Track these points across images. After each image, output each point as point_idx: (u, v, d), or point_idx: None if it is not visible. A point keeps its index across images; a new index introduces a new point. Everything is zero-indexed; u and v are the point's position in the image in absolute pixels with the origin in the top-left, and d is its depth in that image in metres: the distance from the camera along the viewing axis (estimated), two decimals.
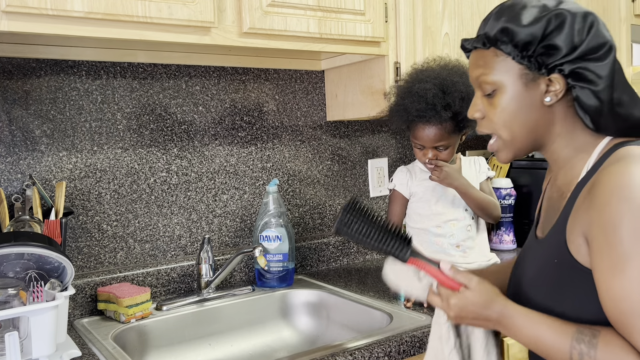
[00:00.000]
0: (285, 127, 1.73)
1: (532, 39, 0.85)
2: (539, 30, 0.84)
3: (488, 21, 0.90)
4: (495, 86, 0.89)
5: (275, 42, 1.33)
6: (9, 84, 1.33)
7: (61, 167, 1.39)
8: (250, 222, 1.67)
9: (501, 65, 0.88)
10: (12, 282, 1.09)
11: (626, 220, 0.75)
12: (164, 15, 1.16)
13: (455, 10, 1.63)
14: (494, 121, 0.91)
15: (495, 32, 0.87)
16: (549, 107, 0.88)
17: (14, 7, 1.02)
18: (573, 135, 0.90)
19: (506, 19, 0.87)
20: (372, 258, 1.90)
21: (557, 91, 0.86)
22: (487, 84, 0.90)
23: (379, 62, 1.56)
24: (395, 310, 1.32)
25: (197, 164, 1.58)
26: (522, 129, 0.90)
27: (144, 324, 1.33)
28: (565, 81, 0.86)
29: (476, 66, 0.92)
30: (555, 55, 0.84)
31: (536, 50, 0.85)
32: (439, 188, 1.42)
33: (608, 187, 0.77)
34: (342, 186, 1.86)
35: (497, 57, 0.89)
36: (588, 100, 0.85)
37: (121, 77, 1.46)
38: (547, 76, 0.86)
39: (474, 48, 0.93)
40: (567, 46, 0.84)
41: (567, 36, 0.84)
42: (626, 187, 0.75)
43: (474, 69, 0.92)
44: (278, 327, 1.52)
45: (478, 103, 0.93)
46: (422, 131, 1.35)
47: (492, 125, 0.92)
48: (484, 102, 0.92)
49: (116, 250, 1.46)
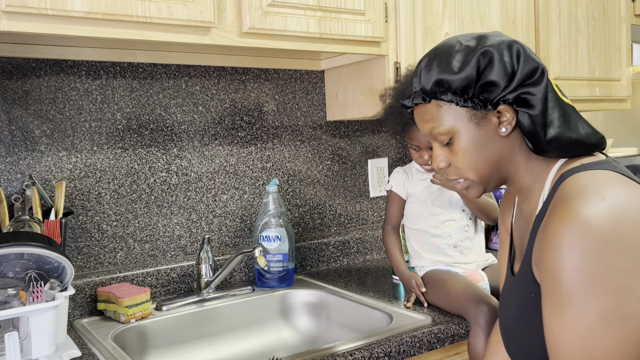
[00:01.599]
0: (285, 127, 1.73)
1: (468, 82, 0.85)
2: (472, 73, 0.85)
3: (420, 76, 0.91)
4: (450, 134, 0.90)
5: (275, 42, 1.33)
6: (9, 84, 1.33)
7: (61, 167, 1.39)
8: (250, 222, 1.67)
9: (447, 113, 0.89)
10: (12, 282, 1.09)
11: (566, 268, 0.74)
12: (163, 15, 1.16)
13: (455, 10, 1.63)
14: (459, 167, 0.92)
15: (431, 86, 0.88)
16: (507, 137, 0.89)
17: (14, 7, 1.02)
18: (529, 163, 0.91)
19: (437, 70, 0.87)
20: (372, 258, 1.90)
21: (509, 119, 0.87)
22: (442, 135, 0.90)
23: (379, 62, 1.56)
24: (395, 310, 1.32)
25: (197, 164, 1.58)
26: (486, 165, 0.90)
27: (143, 324, 1.33)
28: (512, 108, 0.86)
29: (424, 121, 0.92)
30: (495, 91, 0.85)
31: (475, 91, 0.86)
32: (436, 189, 1.42)
33: (552, 233, 0.76)
34: (342, 186, 1.86)
35: (441, 107, 0.89)
36: (525, 123, 0.86)
37: (121, 77, 1.46)
38: (495, 110, 0.87)
39: (415, 105, 0.94)
40: (503, 79, 0.85)
41: (500, 70, 0.85)
42: (567, 234, 0.74)
43: (423, 124, 0.93)
44: (278, 327, 1.52)
45: (440, 154, 0.94)
46: (418, 132, 1.35)
47: (458, 171, 0.92)
48: (445, 151, 0.93)
49: (116, 250, 1.46)
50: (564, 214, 0.76)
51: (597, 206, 0.74)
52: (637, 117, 3.13)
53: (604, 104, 2.08)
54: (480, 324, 1.19)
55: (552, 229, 0.76)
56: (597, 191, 0.76)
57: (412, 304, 1.35)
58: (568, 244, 0.74)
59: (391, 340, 1.15)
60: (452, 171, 0.94)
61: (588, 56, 1.97)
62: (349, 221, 1.88)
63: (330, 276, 1.68)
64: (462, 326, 1.23)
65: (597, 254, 0.72)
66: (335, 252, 1.81)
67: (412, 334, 1.17)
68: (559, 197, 0.81)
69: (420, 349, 1.17)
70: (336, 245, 1.81)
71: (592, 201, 0.75)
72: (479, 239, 1.45)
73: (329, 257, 1.80)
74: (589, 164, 0.84)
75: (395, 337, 1.16)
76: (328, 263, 1.80)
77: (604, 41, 2.02)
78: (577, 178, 0.82)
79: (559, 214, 0.77)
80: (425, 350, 1.18)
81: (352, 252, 1.85)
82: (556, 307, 0.76)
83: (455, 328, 1.23)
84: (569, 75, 1.93)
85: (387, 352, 1.12)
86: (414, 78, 0.93)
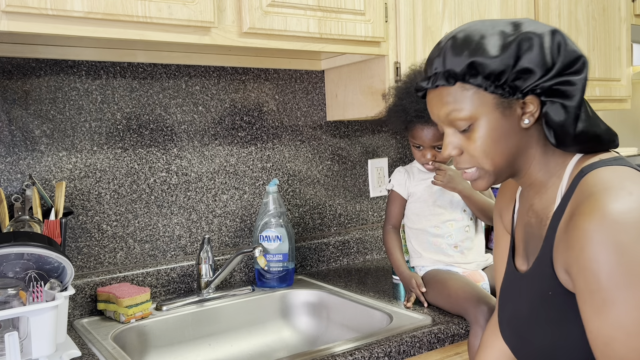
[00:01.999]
0: (285, 127, 1.73)
1: (504, 67, 0.82)
2: (510, 58, 0.82)
3: (445, 57, 0.86)
4: (471, 121, 0.86)
5: (275, 42, 1.33)
6: (9, 83, 1.33)
7: (61, 167, 1.39)
8: (250, 222, 1.67)
9: (472, 98, 0.85)
10: (12, 282, 1.09)
11: (602, 264, 0.73)
12: (163, 15, 1.16)
13: (455, 10, 1.63)
14: (474, 155, 0.88)
15: (462, 68, 0.84)
16: (527, 130, 0.87)
17: (14, 7, 1.02)
18: (545, 157, 0.89)
19: (469, 52, 0.84)
20: (372, 258, 1.90)
21: (532, 111, 0.85)
22: (462, 120, 0.86)
23: (379, 62, 1.56)
24: (395, 310, 1.32)
25: (197, 164, 1.58)
26: (503, 156, 0.88)
27: (143, 324, 1.33)
28: (539, 100, 0.84)
29: (443, 104, 0.88)
30: (530, 79, 0.83)
31: (509, 77, 0.83)
32: (437, 189, 1.42)
33: (582, 230, 0.75)
34: (342, 186, 1.86)
35: (467, 91, 0.85)
36: (556, 115, 0.84)
37: (121, 77, 1.46)
38: (522, 99, 0.85)
39: (435, 87, 0.88)
40: (540, 67, 0.82)
41: (539, 57, 0.82)
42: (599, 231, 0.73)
43: (440, 108, 0.88)
44: (278, 327, 1.52)
45: (453, 140, 0.90)
46: (421, 131, 1.35)
47: (473, 159, 0.89)
48: (459, 138, 0.89)
49: (116, 250, 1.46)
50: (593, 210, 0.75)
51: (626, 200, 0.74)
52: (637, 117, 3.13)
53: (604, 104, 2.08)
54: (481, 323, 1.19)
55: (582, 225, 0.76)
56: (622, 186, 0.76)
57: (412, 304, 1.35)
58: (601, 240, 0.73)
59: (391, 340, 1.15)
60: (464, 159, 0.90)
61: (588, 56, 1.97)
62: (349, 221, 1.88)
63: (330, 276, 1.68)
64: (462, 326, 1.23)
65: (632, 247, 0.72)
66: (335, 252, 1.81)
67: (412, 334, 1.17)
68: (582, 193, 0.80)
69: (420, 349, 1.17)
70: (336, 245, 1.81)
71: (619, 196, 0.75)
72: (479, 239, 1.45)
73: (329, 257, 1.80)
74: (607, 160, 0.84)
75: (395, 337, 1.16)
76: (328, 263, 1.80)
77: (604, 41, 2.02)
78: (599, 173, 0.81)
79: (586, 210, 0.76)
80: (425, 350, 1.18)
81: (352, 252, 1.85)
82: (598, 306, 0.75)
83: (455, 328, 1.23)
84: None
85: (387, 352, 1.12)
86: (436, 59, 0.88)
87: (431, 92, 0.90)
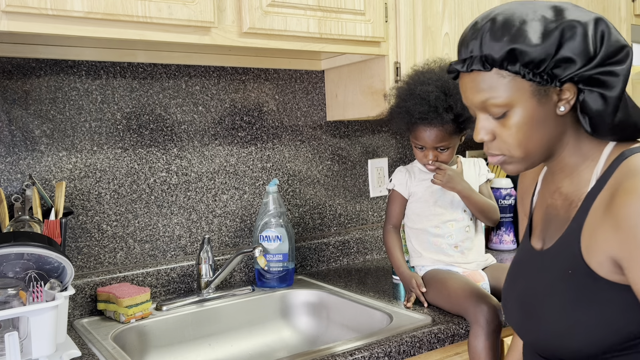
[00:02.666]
0: (285, 127, 1.73)
1: (545, 56, 0.80)
2: (552, 46, 0.80)
3: (482, 41, 0.84)
4: (507, 108, 0.85)
5: (275, 42, 1.33)
6: (9, 83, 1.33)
7: (61, 167, 1.39)
8: (250, 222, 1.67)
9: (510, 86, 0.83)
10: (12, 282, 1.09)
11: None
12: (163, 15, 1.16)
13: (455, 10, 1.63)
14: (508, 142, 0.87)
15: (501, 54, 0.82)
16: (561, 117, 0.86)
17: (14, 7, 1.02)
18: (579, 142, 0.89)
19: (509, 38, 0.81)
20: (372, 258, 1.90)
21: (569, 99, 0.84)
22: (497, 107, 0.85)
23: (379, 62, 1.56)
24: (395, 310, 1.32)
25: (197, 164, 1.58)
26: (537, 143, 0.87)
27: (143, 324, 1.33)
28: (576, 87, 0.83)
29: (478, 90, 0.86)
30: (570, 68, 0.81)
31: (548, 65, 0.81)
32: (438, 189, 1.42)
33: (634, 207, 0.75)
34: (342, 186, 1.86)
35: (503, 78, 0.83)
36: (594, 103, 0.83)
37: (121, 77, 1.46)
38: (559, 87, 0.83)
39: (470, 71, 0.86)
40: (581, 57, 0.81)
41: (581, 46, 0.80)
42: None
43: (475, 94, 0.86)
44: (278, 327, 1.52)
45: (486, 125, 0.88)
46: (424, 132, 1.35)
47: (506, 146, 0.88)
48: (492, 123, 0.88)
49: (116, 250, 1.46)
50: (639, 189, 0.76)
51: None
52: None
53: None
54: (481, 323, 1.19)
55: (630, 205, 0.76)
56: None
57: (412, 304, 1.35)
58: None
59: (391, 340, 1.15)
60: (496, 145, 0.89)
61: None
62: (349, 221, 1.88)
63: (330, 276, 1.68)
64: (462, 326, 1.23)
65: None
66: (335, 252, 1.81)
67: (412, 334, 1.17)
68: (624, 175, 0.81)
69: (420, 349, 1.17)
70: (336, 245, 1.81)
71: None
72: (479, 239, 1.45)
73: (329, 257, 1.80)
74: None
75: (395, 337, 1.16)
76: (328, 263, 1.80)
77: None
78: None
79: (632, 190, 0.77)
80: (425, 350, 1.18)
81: (352, 252, 1.85)
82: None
83: (455, 328, 1.23)
84: None
85: (387, 352, 1.12)
86: (472, 41, 0.85)
87: (465, 76, 0.88)
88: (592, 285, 0.82)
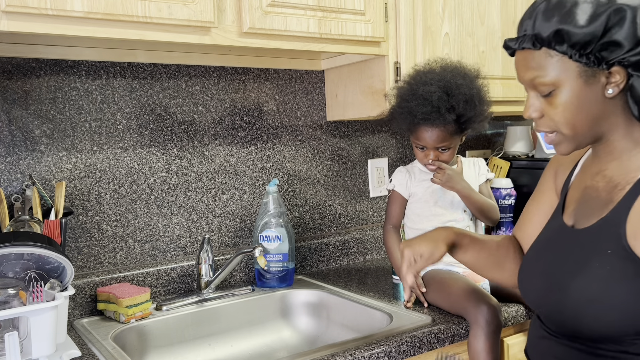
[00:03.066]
0: (285, 127, 1.73)
1: (591, 38, 0.83)
2: (598, 29, 0.82)
3: (535, 20, 0.87)
4: (554, 86, 0.88)
5: (275, 42, 1.33)
6: (9, 84, 1.33)
7: (61, 167, 1.39)
8: (250, 222, 1.67)
9: (557, 65, 0.86)
10: (12, 282, 1.09)
11: None
12: (163, 15, 1.16)
13: (455, 10, 1.63)
14: (555, 120, 0.90)
15: (548, 34, 0.85)
16: (610, 99, 0.87)
17: (14, 7, 1.02)
18: (631, 127, 0.90)
19: (558, 19, 0.84)
20: (372, 258, 1.90)
21: (618, 82, 0.85)
22: (545, 86, 0.88)
23: (379, 62, 1.56)
24: (395, 310, 1.32)
25: (197, 164, 1.58)
26: (584, 123, 0.89)
27: (143, 324, 1.33)
28: (626, 71, 0.85)
29: (528, 68, 0.89)
30: (617, 52, 0.83)
31: (595, 48, 0.83)
32: (438, 189, 1.42)
33: None
34: (342, 186, 1.86)
35: (551, 57, 0.86)
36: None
37: (121, 77, 1.46)
38: (607, 70, 0.85)
39: (521, 49, 0.90)
40: (629, 42, 0.82)
41: (629, 31, 0.82)
42: None
43: (525, 71, 0.90)
44: (278, 327, 1.52)
45: (535, 103, 0.91)
46: (425, 133, 1.35)
47: (553, 123, 0.91)
48: (541, 101, 0.91)
49: (116, 250, 1.46)
50: None
51: None
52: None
53: None
54: (480, 324, 1.19)
55: None
56: None
57: (412, 304, 1.35)
58: None
59: (391, 340, 1.15)
60: (545, 122, 0.92)
61: None
62: (349, 221, 1.88)
63: (330, 276, 1.68)
64: (462, 326, 1.23)
65: None
66: (335, 252, 1.81)
67: (412, 334, 1.17)
68: None
69: (420, 349, 1.17)
70: (336, 245, 1.81)
71: None
72: None
73: (329, 257, 1.80)
74: None
75: (395, 337, 1.16)
76: (328, 263, 1.80)
77: None
78: None
79: None
80: (425, 350, 1.18)
81: (352, 252, 1.85)
82: None
83: (455, 328, 1.23)
84: None
85: (387, 352, 1.12)
86: (526, 20, 0.89)
87: (518, 53, 0.92)
88: (631, 267, 0.83)
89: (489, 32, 1.71)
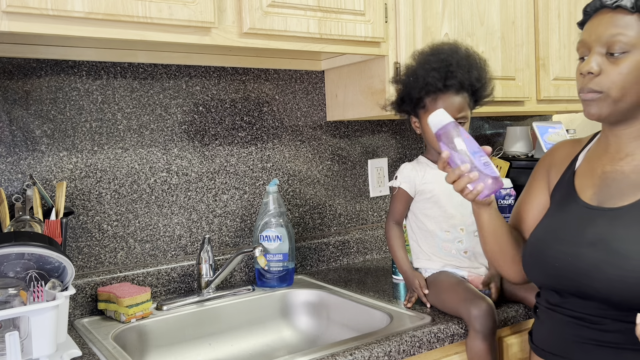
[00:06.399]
0: (285, 127, 1.74)
1: None
2: None
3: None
4: (629, 49, 0.92)
5: (275, 42, 1.34)
6: (10, 84, 1.33)
7: (61, 167, 1.39)
8: (250, 222, 1.67)
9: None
10: (13, 282, 1.09)
11: None
12: (164, 15, 1.16)
13: (455, 10, 1.63)
14: (612, 80, 0.94)
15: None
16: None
17: (15, 7, 1.02)
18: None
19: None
20: (372, 258, 1.90)
21: None
22: (622, 44, 0.92)
23: (379, 62, 1.56)
24: (395, 310, 1.32)
25: (198, 164, 1.58)
26: (635, 94, 0.94)
27: (144, 323, 1.33)
28: None
29: (613, 25, 0.93)
30: None
31: None
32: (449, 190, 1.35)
33: None
34: (342, 186, 1.86)
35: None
36: None
37: (121, 77, 1.47)
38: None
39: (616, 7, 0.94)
40: None
41: None
42: None
43: (608, 26, 0.94)
44: (278, 327, 1.52)
45: (597, 58, 0.95)
46: (448, 99, 1.29)
47: (607, 83, 0.94)
48: (604, 61, 0.94)
49: (116, 250, 1.46)
50: None
51: None
52: None
53: None
54: (475, 327, 1.18)
55: None
56: None
57: (412, 304, 1.34)
58: None
59: (391, 340, 1.15)
60: (598, 81, 0.95)
61: None
62: (349, 221, 1.88)
63: (330, 276, 1.68)
64: (462, 326, 1.24)
65: None
66: (335, 252, 1.81)
67: (412, 334, 1.18)
68: None
69: (420, 348, 1.18)
70: (336, 245, 1.81)
71: None
72: None
73: (329, 257, 1.80)
74: None
75: (395, 336, 1.16)
76: (328, 263, 1.80)
77: None
78: None
79: None
80: (425, 350, 1.18)
81: (352, 252, 1.85)
82: None
83: (455, 328, 1.23)
84: (568, 76, 1.93)
85: (387, 352, 1.13)
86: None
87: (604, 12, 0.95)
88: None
89: (488, 33, 1.71)
